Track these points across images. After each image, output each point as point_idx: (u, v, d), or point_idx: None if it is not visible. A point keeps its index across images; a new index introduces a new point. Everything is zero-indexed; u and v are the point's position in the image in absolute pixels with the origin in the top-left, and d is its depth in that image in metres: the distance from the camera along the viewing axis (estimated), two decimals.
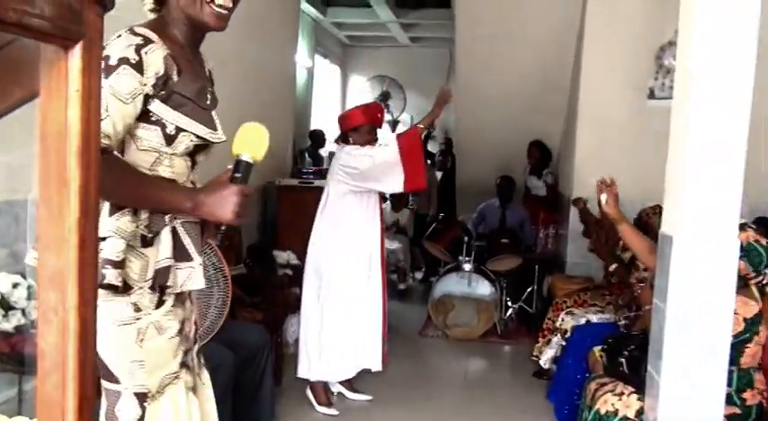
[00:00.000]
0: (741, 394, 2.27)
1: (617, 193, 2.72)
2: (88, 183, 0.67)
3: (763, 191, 4.33)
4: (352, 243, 3.49)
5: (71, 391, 0.68)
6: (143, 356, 1.55)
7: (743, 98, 2.03)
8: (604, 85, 5.00)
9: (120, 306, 1.52)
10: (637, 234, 2.67)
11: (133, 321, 1.53)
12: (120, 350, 1.53)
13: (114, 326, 1.51)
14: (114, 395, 1.55)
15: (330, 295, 3.47)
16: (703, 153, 2.05)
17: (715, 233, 2.05)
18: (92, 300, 0.70)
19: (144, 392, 1.57)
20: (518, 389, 3.99)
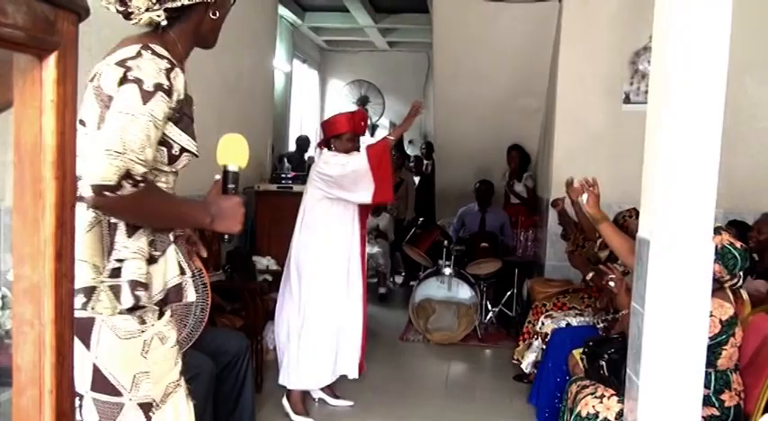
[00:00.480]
0: (719, 395, 2.30)
1: (598, 193, 2.76)
2: (64, 194, 0.66)
3: (736, 195, 4.41)
4: (331, 249, 3.46)
5: (48, 407, 0.67)
6: (148, 367, 1.57)
7: (716, 103, 2.06)
8: (581, 89, 5.05)
9: (125, 320, 1.53)
10: (617, 233, 2.69)
11: (139, 334, 1.55)
12: (126, 362, 1.54)
13: (120, 340, 1.53)
14: (114, 408, 1.54)
15: (309, 301, 3.43)
16: (678, 158, 2.07)
17: (690, 237, 2.07)
18: (68, 314, 0.69)
19: (149, 402, 1.58)
20: (499, 393, 4.00)
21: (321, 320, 3.43)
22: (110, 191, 1.41)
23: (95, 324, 1.51)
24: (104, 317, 1.51)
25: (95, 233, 1.50)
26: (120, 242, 1.53)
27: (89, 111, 1.53)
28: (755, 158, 4.75)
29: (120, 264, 1.52)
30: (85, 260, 1.48)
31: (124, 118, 1.45)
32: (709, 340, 2.17)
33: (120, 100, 1.46)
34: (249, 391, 2.95)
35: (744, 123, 4.62)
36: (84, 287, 1.48)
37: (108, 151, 1.42)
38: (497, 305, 5.40)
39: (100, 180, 1.41)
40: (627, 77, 4.96)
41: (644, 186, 2.23)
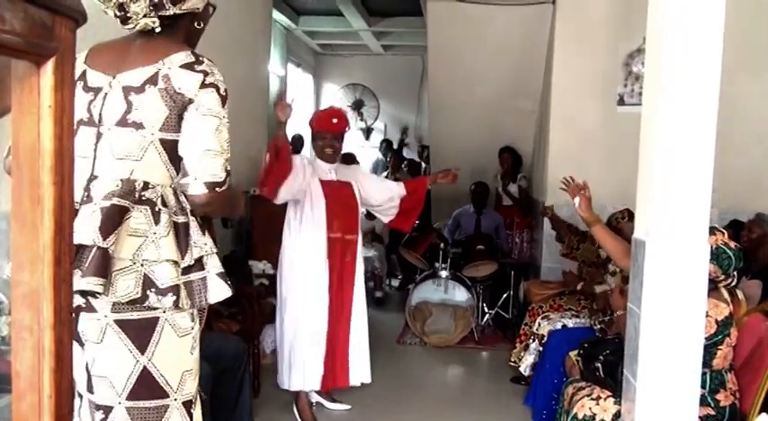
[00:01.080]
0: (715, 395, 2.31)
1: (590, 196, 2.77)
2: (62, 199, 0.66)
3: (730, 195, 4.43)
4: (299, 253, 3.39)
5: (47, 412, 0.67)
6: (192, 364, 1.64)
7: (710, 104, 2.07)
8: (575, 91, 5.07)
9: (183, 316, 1.60)
10: (610, 235, 2.70)
11: (190, 331, 1.62)
12: (178, 361, 1.61)
13: (178, 338, 1.59)
14: (157, 412, 1.59)
15: (286, 305, 3.41)
16: (673, 159, 2.08)
17: (686, 238, 2.08)
18: (67, 318, 0.69)
19: (190, 400, 1.65)
20: (496, 395, 4.01)
21: (296, 324, 3.37)
22: (219, 186, 1.61)
23: (158, 324, 1.56)
24: (167, 315, 1.56)
25: (172, 234, 1.57)
26: (199, 240, 1.61)
27: (150, 113, 1.58)
28: (749, 158, 4.78)
29: (194, 261, 1.59)
30: (170, 260, 1.54)
31: (214, 120, 1.60)
32: (705, 340, 2.18)
33: (206, 103, 1.59)
34: (247, 395, 2.95)
35: (737, 123, 4.63)
36: (171, 286, 1.53)
37: (212, 151, 1.59)
38: (494, 307, 5.41)
39: (212, 177, 1.59)
40: (621, 79, 4.98)
41: (639, 187, 2.24)
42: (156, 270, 1.53)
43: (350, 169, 3.73)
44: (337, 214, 3.45)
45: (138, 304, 1.53)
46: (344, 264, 3.48)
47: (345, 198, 3.53)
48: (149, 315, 1.54)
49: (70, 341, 0.69)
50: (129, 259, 1.52)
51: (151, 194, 1.56)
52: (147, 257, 1.52)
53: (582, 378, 2.76)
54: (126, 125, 1.57)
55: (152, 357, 1.56)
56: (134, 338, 1.55)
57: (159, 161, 1.59)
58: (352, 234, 3.53)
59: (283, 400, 3.60)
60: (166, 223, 1.55)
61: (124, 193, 1.54)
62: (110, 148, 1.58)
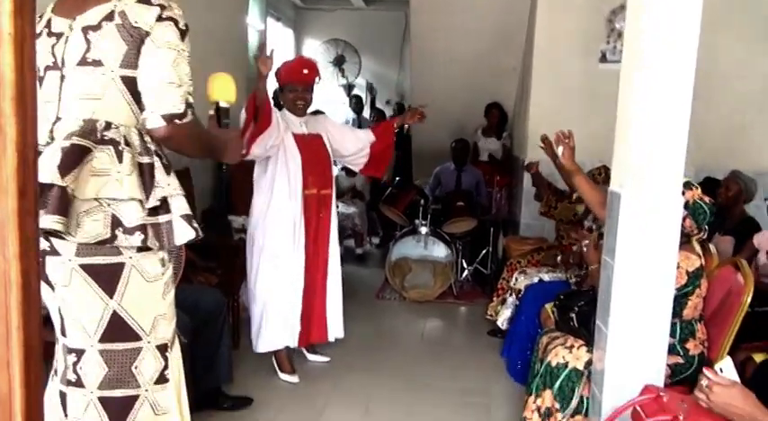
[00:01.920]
0: (684, 344, 2.37)
1: (573, 146, 2.78)
2: (25, 130, 0.65)
3: (707, 153, 4.47)
4: (273, 212, 3.31)
5: (15, 343, 0.67)
6: (165, 309, 1.65)
7: (688, 61, 2.07)
8: (557, 48, 5.04)
9: (152, 262, 1.59)
10: (591, 186, 2.73)
11: (160, 276, 1.63)
12: (149, 305, 1.61)
13: (147, 283, 1.59)
14: (130, 354, 1.60)
15: (259, 266, 3.36)
16: (649, 113, 2.09)
17: (660, 190, 2.11)
18: (34, 251, 0.68)
19: (165, 343, 1.67)
20: (474, 348, 4.08)
21: (272, 284, 3.35)
22: (179, 119, 1.57)
23: (125, 269, 1.55)
24: (134, 260, 1.56)
25: (136, 173, 1.55)
26: (162, 180, 1.59)
27: (108, 49, 1.55)
28: (727, 117, 4.81)
29: (160, 202, 1.58)
30: (137, 198, 1.53)
31: (171, 53, 1.56)
32: (676, 291, 2.23)
33: (163, 36, 1.56)
34: (226, 348, 2.98)
35: (717, 82, 4.65)
36: (140, 225, 1.53)
37: (170, 83, 1.55)
38: (473, 263, 5.47)
39: (170, 109, 1.56)
40: (603, 36, 4.96)
41: (616, 140, 2.25)
42: (123, 209, 1.52)
43: (318, 121, 3.60)
44: (312, 169, 3.40)
45: (106, 245, 1.53)
46: (320, 220, 3.45)
47: (318, 151, 3.46)
48: (115, 260, 1.54)
49: (37, 273, 0.69)
50: (93, 198, 1.51)
51: (114, 134, 1.54)
52: (110, 195, 1.51)
53: (557, 328, 2.82)
54: (86, 64, 1.56)
55: (121, 301, 1.56)
56: (101, 282, 1.55)
57: (122, 100, 1.57)
58: (326, 189, 3.49)
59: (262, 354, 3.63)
60: (130, 162, 1.53)
61: (85, 133, 1.52)
62: (72, 89, 1.57)
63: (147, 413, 1.64)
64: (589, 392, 2.38)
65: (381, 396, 3.28)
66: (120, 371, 1.60)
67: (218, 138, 1.84)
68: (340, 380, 3.47)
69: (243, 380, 3.28)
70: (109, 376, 1.59)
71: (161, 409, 1.66)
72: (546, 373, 2.51)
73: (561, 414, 2.47)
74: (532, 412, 2.53)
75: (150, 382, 1.63)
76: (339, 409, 3.14)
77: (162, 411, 1.66)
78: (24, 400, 0.68)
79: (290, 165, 3.33)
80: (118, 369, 1.59)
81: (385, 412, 3.11)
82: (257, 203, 3.37)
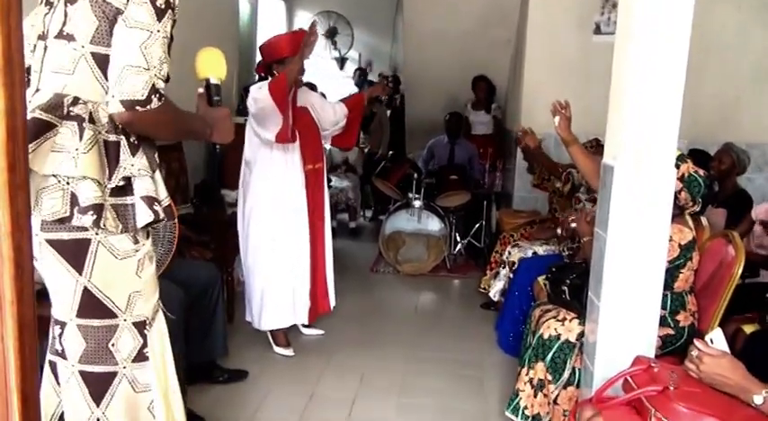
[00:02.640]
0: (675, 316, 2.39)
1: (570, 116, 2.78)
2: (14, 102, 0.64)
3: (700, 125, 4.46)
4: (272, 189, 3.31)
5: (9, 318, 0.67)
6: (141, 286, 1.62)
7: (682, 32, 2.06)
8: (551, 20, 4.99)
9: (120, 239, 1.56)
10: (586, 155, 2.73)
11: (133, 253, 1.59)
12: (123, 283, 1.59)
13: (117, 260, 1.56)
14: (106, 331, 1.59)
15: (256, 244, 3.37)
16: (643, 85, 2.08)
17: (653, 163, 2.10)
18: (26, 226, 0.68)
19: (143, 321, 1.64)
20: (467, 321, 4.12)
21: (269, 262, 3.36)
22: (140, 105, 1.48)
23: (91, 245, 1.53)
24: (101, 237, 1.53)
25: (95, 151, 1.50)
26: (126, 160, 1.55)
27: (80, 24, 1.51)
28: (720, 89, 4.80)
29: (125, 182, 1.55)
30: (90, 177, 1.49)
31: (142, 34, 1.48)
32: (668, 264, 2.24)
33: (135, 15, 1.48)
34: (221, 321, 2.99)
35: (710, 54, 4.63)
36: (93, 204, 1.49)
37: (135, 67, 1.47)
38: (466, 236, 5.48)
39: (131, 95, 1.47)
40: (598, 7, 4.91)
41: (610, 112, 2.24)
42: (80, 187, 1.49)
43: (304, 93, 3.51)
44: (307, 143, 3.37)
45: (66, 223, 1.50)
46: (315, 194, 3.45)
47: (309, 125, 3.42)
48: (80, 236, 1.51)
49: (30, 248, 0.69)
50: (52, 176, 1.48)
51: (80, 110, 1.50)
52: (65, 173, 1.47)
53: (549, 301, 2.84)
54: (61, 37, 1.53)
55: (90, 277, 1.54)
56: (68, 258, 1.53)
57: (91, 76, 1.53)
58: (319, 162, 3.48)
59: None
60: (90, 140, 1.49)
61: (50, 107, 1.49)
62: (49, 61, 1.54)
63: (126, 389, 1.62)
64: (581, 364, 2.41)
65: (375, 368, 3.31)
66: (97, 347, 1.58)
67: (200, 119, 1.77)
68: (334, 353, 3.49)
69: (238, 354, 3.30)
70: (86, 351, 1.58)
71: (141, 387, 1.64)
72: (538, 345, 2.53)
73: (554, 385, 2.50)
74: (525, 384, 2.56)
75: (128, 360, 1.62)
76: (334, 381, 3.17)
77: (141, 388, 1.65)
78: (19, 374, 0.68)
79: (288, 144, 3.28)
80: (95, 345, 1.58)
81: (379, 384, 3.14)
82: (257, 183, 3.32)
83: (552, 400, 2.51)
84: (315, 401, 2.95)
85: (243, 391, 3.00)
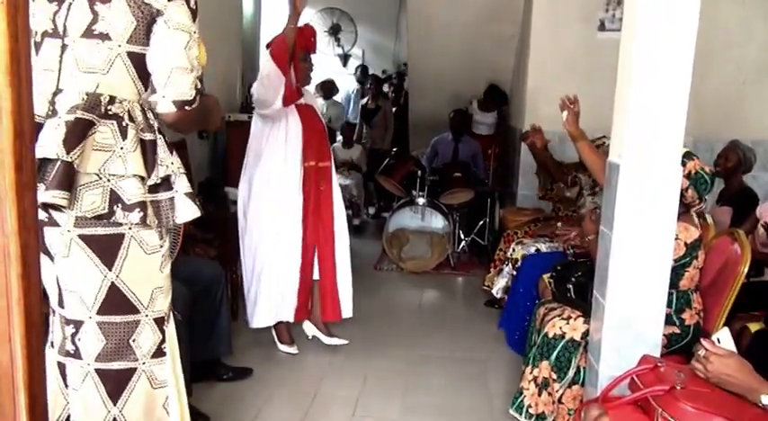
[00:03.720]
0: (680, 314, 2.39)
1: (578, 111, 2.77)
2: (20, 102, 0.64)
3: (707, 122, 4.45)
4: (272, 184, 3.28)
5: (16, 317, 0.67)
6: (163, 282, 1.66)
7: (689, 29, 2.05)
8: (556, 15, 4.98)
9: (150, 233, 1.59)
10: (593, 151, 2.73)
11: (158, 249, 1.63)
12: (148, 277, 1.62)
13: (146, 255, 1.59)
14: (128, 327, 1.61)
15: (255, 239, 3.34)
16: (649, 83, 2.07)
17: (659, 161, 2.10)
18: (33, 224, 0.68)
19: (162, 317, 1.67)
20: (471, 318, 4.11)
21: (267, 259, 3.34)
22: (189, 105, 1.57)
23: (125, 239, 1.55)
24: (133, 232, 1.56)
25: (139, 150, 1.55)
26: (166, 158, 1.59)
27: (117, 24, 1.52)
28: (726, 86, 4.78)
29: (161, 180, 1.58)
30: (137, 175, 1.53)
31: (185, 36, 1.55)
32: (674, 262, 2.23)
33: (176, 17, 1.54)
34: (225, 319, 2.99)
35: (716, 50, 4.61)
36: (139, 202, 1.53)
37: (183, 68, 1.54)
38: (470, 234, 5.48)
39: (181, 96, 1.55)
40: (602, 4, 4.89)
41: (615, 111, 2.23)
42: (123, 185, 1.52)
43: (307, 90, 3.51)
44: (310, 141, 3.35)
45: (104, 219, 1.52)
46: (321, 193, 3.40)
47: (314, 122, 3.40)
48: (114, 231, 1.54)
49: (37, 247, 0.68)
50: (94, 174, 1.50)
51: (117, 109, 1.53)
52: (113, 172, 1.51)
53: (554, 299, 2.84)
54: (92, 36, 1.52)
55: (120, 273, 1.56)
56: (100, 254, 1.55)
57: (127, 75, 1.55)
58: (325, 161, 3.43)
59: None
60: (133, 138, 1.53)
61: (89, 107, 1.50)
62: (75, 61, 1.53)
63: (145, 386, 1.64)
64: (586, 363, 2.40)
65: (380, 366, 3.31)
66: (119, 344, 1.60)
67: (206, 109, 1.80)
68: (338, 352, 3.49)
69: (242, 352, 3.30)
70: (107, 348, 1.59)
71: (158, 383, 1.66)
72: (543, 344, 2.53)
73: (558, 384, 2.49)
74: (530, 382, 2.56)
75: (148, 356, 1.64)
76: (338, 379, 3.17)
77: (159, 384, 1.67)
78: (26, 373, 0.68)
79: (290, 135, 3.27)
80: (116, 341, 1.60)
81: (383, 382, 3.14)
82: (257, 175, 3.31)
83: (557, 399, 2.51)
84: (319, 400, 2.95)
85: (247, 389, 3.00)
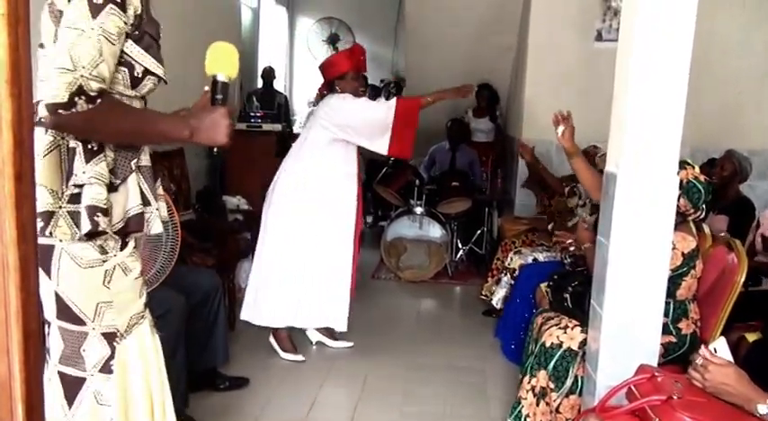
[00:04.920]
0: (677, 324, 2.39)
1: (573, 126, 2.77)
2: (21, 112, 0.64)
3: (704, 132, 4.46)
4: (328, 199, 3.40)
5: (14, 328, 0.67)
6: (111, 297, 1.58)
7: (685, 39, 2.06)
8: (553, 26, 5.00)
9: (83, 247, 1.53)
10: (588, 168, 2.73)
11: (100, 263, 1.55)
12: (88, 292, 1.55)
13: (81, 269, 1.53)
14: (78, 336, 1.57)
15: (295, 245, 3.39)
16: (646, 93, 2.08)
17: (656, 170, 2.10)
18: (32, 235, 0.68)
19: (113, 332, 1.60)
20: (468, 327, 4.11)
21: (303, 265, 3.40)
22: (63, 108, 1.40)
23: (55, 251, 1.51)
24: (64, 245, 1.51)
25: (53, 157, 1.48)
26: (79, 167, 1.51)
27: (46, 31, 1.49)
28: (723, 96, 4.80)
29: (79, 189, 1.50)
30: (43, 184, 1.47)
31: (72, 33, 1.43)
32: (671, 272, 2.23)
33: (69, 15, 1.43)
34: (222, 328, 2.98)
35: (713, 60, 4.64)
36: (42, 212, 1.47)
37: (59, 69, 1.40)
38: (468, 243, 5.48)
39: (52, 98, 1.40)
40: (599, 14, 4.92)
41: (612, 120, 2.25)
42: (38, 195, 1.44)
43: None
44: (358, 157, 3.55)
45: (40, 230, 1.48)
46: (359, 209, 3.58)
47: None
48: (45, 242, 1.49)
49: (35, 258, 0.68)
50: None
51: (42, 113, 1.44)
52: None
53: (551, 308, 2.84)
54: (40, 46, 1.53)
55: (59, 284, 1.52)
56: (41, 262, 1.49)
57: None
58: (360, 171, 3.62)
59: (259, 334, 3.64)
60: (48, 145, 1.47)
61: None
62: (39, 72, 1.51)
63: (91, 400, 1.60)
64: (583, 372, 2.40)
65: (377, 375, 3.30)
66: (72, 351, 1.57)
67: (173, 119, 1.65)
68: (336, 360, 3.48)
69: (239, 361, 3.29)
70: (65, 352, 1.57)
71: (103, 400, 1.60)
72: (540, 353, 2.53)
73: (556, 394, 2.49)
74: (527, 392, 2.55)
75: (95, 368, 1.59)
76: (335, 389, 3.16)
77: (103, 402, 1.60)
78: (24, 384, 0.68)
79: (349, 149, 3.45)
80: (70, 348, 1.57)
81: (381, 392, 3.13)
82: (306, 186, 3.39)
83: (554, 409, 2.50)
84: (316, 409, 2.94)
85: (244, 399, 2.99)
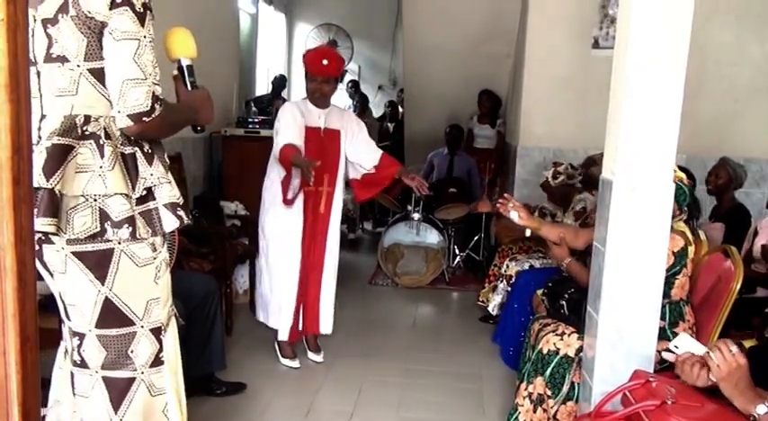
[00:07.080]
0: (674, 328, 2.39)
1: (521, 204, 2.83)
2: (19, 118, 0.65)
3: (698, 140, 4.48)
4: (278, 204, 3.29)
5: (11, 331, 0.67)
6: (159, 293, 1.67)
7: (681, 47, 2.08)
8: (550, 34, 5.02)
9: (141, 246, 1.61)
10: (557, 228, 2.88)
11: (152, 261, 1.64)
12: (141, 290, 1.63)
13: (137, 268, 1.61)
14: (124, 339, 1.64)
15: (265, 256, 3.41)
16: (641, 100, 2.10)
17: (651, 178, 2.12)
18: (29, 239, 0.68)
19: (159, 327, 1.69)
20: (466, 333, 4.11)
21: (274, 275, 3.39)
22: (147, 116, 1.52)
23: (114, 254, 1.57)
24: (123, 246, 1.57)
25: (118, 166, 1.55)
26: (145, 171, 1.59)
27: (69, 43, 1.50)
28: (718, 104, 4.82)
29: (147, 191, 1.59)
30: (118, 193, 1.54)
31: (131, 44, 1.49)
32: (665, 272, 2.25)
33: (120, 26, 1.48)
34: (219, 333, 2.98)
35: (709, 69, 4.66)
36: (126, 218, 1.54)
37: (133, 80, 1.50)
38: (465, 249, 5.48)
39: (136, 108, 1.51)
40: (596, 22, 4.94)
41: (608, 128, 2.26)
42: (110, 203, 1.54)
43: (344, 116, 3.52)
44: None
45: (98, 238, 1.55)
46: (317, 216, 3.39)
47: (328, 147, 3.36)
48: (104, 246, 1.55)
49: (32, 261, 0.69)
50: (80, 195, 1.52)
51: (93, 128, 1.53)
52: (95, 192, 1.52)
53: (547, 315, 2.84)
54: (51, 61, 1.52)
55: (112, 287, 1.59)
56: (93, 269, 1.57)
57: (95, 92, 1.54)
58: (329, 186, 3.39)
59: (256, 340, 3.65)
60: (111, 155, 1.53)
61: (65, 131, 1.51)
62: (48, 86, 1.54)
63: (144, 394, 1.68)
64: (580, 379, 2.41)
65: (374, 381, 3.30)
66: (117, 355, 1.64)
67: (188, 107, 1.77)
68: (333, 366, 3.48)
69: (236, 366, 3.28)
70: (108, 359, 1.64)
71: (157, 390, 1.70)
72: (537, 360, 2.53)
73: (553, 400, 2.49)
74: (524, 398, 2.55)
75: (146, 365, 1.67)
76: (332, 395, 3.15)
77: (157, 392, 1.70)
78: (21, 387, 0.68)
79: None
80: (115, 352, 1.64)
81: (378, 397, 3.12)
82: (267, 193, 3.37)
83: (552, 416, 2.50)
84: (313, 415, 2.94)
85: (241, 404, 2.98)
